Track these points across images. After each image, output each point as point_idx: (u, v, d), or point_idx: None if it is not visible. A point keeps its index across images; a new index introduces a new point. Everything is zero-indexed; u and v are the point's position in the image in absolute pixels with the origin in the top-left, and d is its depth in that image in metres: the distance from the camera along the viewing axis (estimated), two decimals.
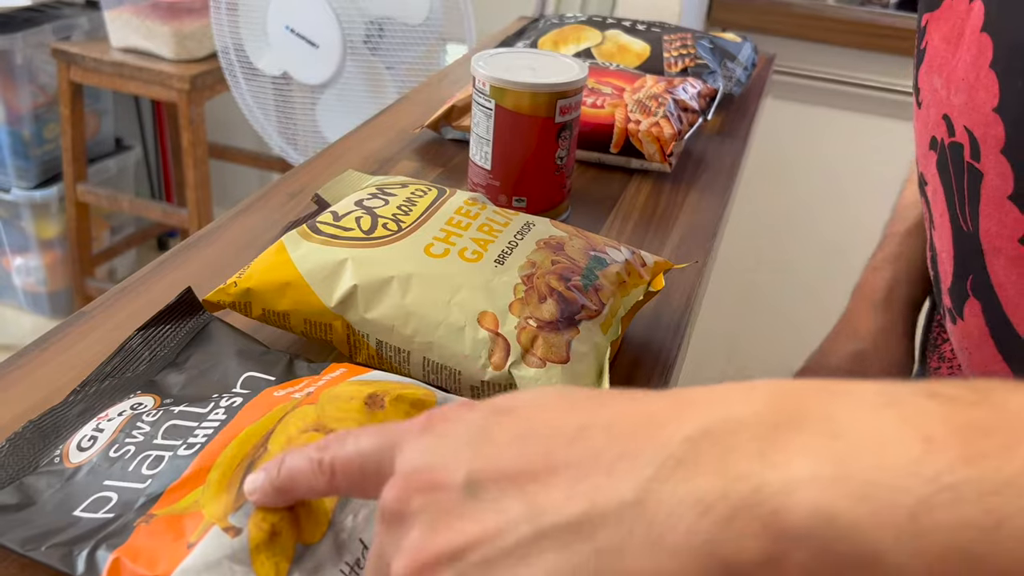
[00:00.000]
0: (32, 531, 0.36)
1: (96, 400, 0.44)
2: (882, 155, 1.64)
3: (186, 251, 0.63)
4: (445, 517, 0.25)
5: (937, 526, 0.20)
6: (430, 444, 0.27)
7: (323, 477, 0.30)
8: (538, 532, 0.23)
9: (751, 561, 0.21)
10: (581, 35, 1.01)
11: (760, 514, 0.21)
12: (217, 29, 1.66)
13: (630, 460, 0.23)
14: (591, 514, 0.23)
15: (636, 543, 0.22)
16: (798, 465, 0.22)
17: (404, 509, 0.26)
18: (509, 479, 0.24)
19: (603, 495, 0.23)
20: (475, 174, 0.71)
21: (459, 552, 0.24)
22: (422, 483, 0.26)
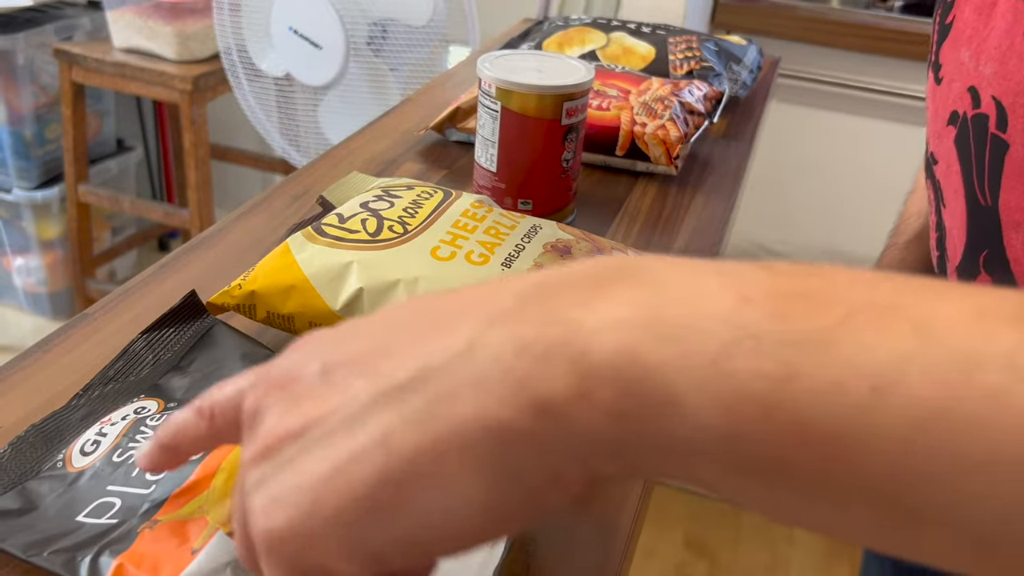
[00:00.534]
0: (34, 536, 0.35)
1: (99, 404, 0.44)
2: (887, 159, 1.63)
3: (189, 253, 0.63)
4: (296, 401, 0.25)
5: (735, 372, 0.21)
6: (289, 355, 0.27)
7: (203, 422, 0.30)
8: (374, 396, 0.23)
9: (559, 397, 0.22)
10: (586, 37, 1.01)
11: (569, 353, 0.22)
12: (220, 30, 1.66)
13: (465, 320, 0.24)
14: (424, 370, 0.23)
15: (462, 387, 0.22)
16: (613, 310, 0.22)
17: (260, 406, 0.26)
18: (357, 360, 0.25)
19: (436, 353, 0.23)
20: (480, 176, 0.71)
21: (305, 429, 0.24)
22: (279, 380, 0.26)
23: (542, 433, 0.22)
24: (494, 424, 0.22)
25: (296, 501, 0.23)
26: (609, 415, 0.21)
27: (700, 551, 1.84)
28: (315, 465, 0.23)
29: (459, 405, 0.22)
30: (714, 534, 1.88)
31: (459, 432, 0.22)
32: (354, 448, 0.23)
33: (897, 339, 0.20)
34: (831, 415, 0.20)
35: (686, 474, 0.22)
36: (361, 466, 0.23)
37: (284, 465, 0.24)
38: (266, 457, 0.24)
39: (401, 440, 0.22)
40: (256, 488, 0.24)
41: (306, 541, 0.23)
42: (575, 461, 0.22)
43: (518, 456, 0.22)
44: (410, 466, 0.22)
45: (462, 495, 0.22)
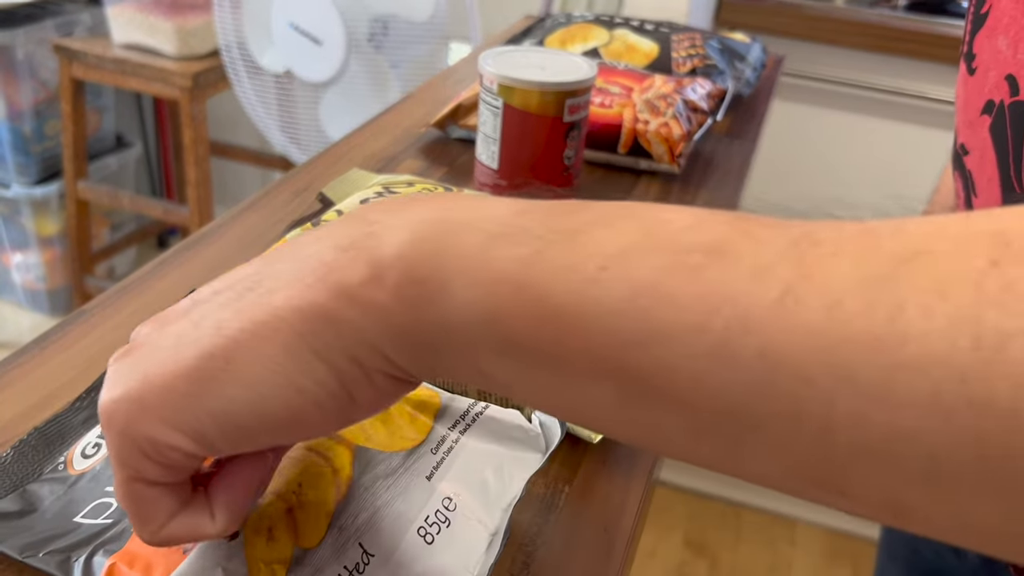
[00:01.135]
0: (31, 538, 0.35)
1: None
2: (890, 159, 1.63)
3: (188, 250, 0.62)
4: (162, 319, 0.28)
5: (495, 258, 0.24)
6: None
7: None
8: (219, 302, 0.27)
9: (356, 281, 0.25)
10: (588, 34, 1.00)
11: (367, 245, 0.25)
12: (220, 26, 1.65)
13: (306, 240, 0.27)
14: (262, 272, 0.27)
15: (285, 281, 0.26)
16: (411, 214, 0.26)
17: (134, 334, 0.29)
18: (222, 286, 0.28)
19: (275, 264, 0.27)
20: (482, 173, 0.70)
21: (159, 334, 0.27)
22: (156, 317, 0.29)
23: (343, 315, 0.25)
24: (306, 306, 0.25)
25: (135, 375, 0.26)
26: (397, 298, 0.25)
27: (700, 551, 1.83)
28: (160, 352, 0.27)
29: (279, 293, 0.26)
30: (714, 534, 1.87)
31: (275, 314, 0.25)
32: (193, 336, 0.26)
33: (626, 234, 0.23)
34: (564, 290, 0.23)
35: (467, 362, 0.25)
36: (192, 346, 0.26)
37: (136, 356, 0.27)
38: (122, 357, 0.28)
39: (230, 324, 0.26)
40: (108, 378, 0.27)
41: (137, 408, 0.26)
42: (373, 349, 0.25)
43: (323, 337, 0.25)
44: (234, 344, 0.25)
45: (275, 371, 0.25)
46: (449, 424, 0.39)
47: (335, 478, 0.34)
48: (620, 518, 0.44)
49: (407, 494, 0.36)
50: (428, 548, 0.34)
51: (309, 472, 0.34)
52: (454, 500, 0.36)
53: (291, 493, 0.33)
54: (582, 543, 0.42)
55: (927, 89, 1.56)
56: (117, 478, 0.27)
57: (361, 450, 0.36)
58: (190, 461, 0.27)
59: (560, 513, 0.43)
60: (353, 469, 0.35)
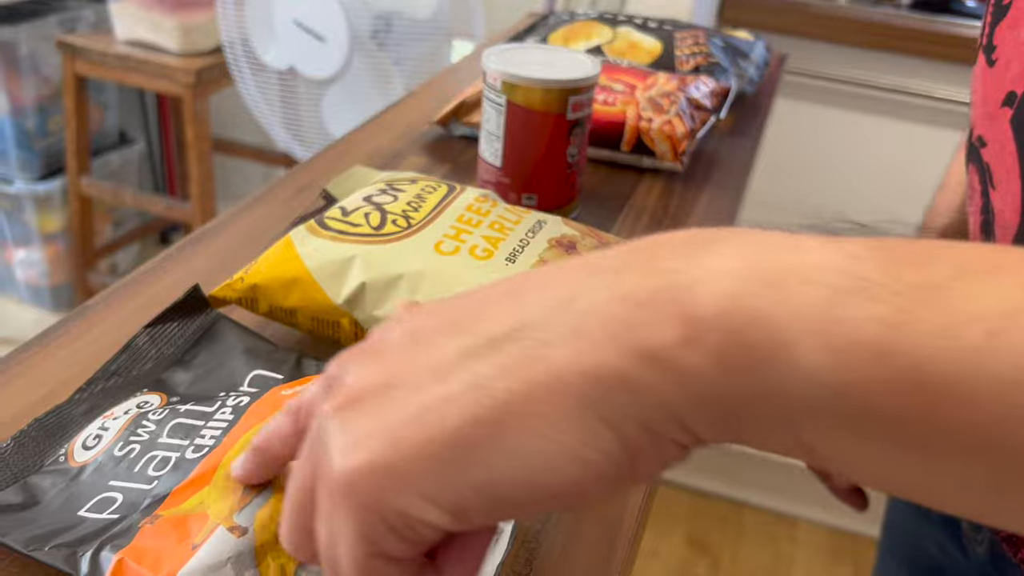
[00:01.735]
0: (36, 531, 0.35)
1: (102, 398, 0.43)
2: (894, 157, 1.63)
3: (191, 246, 0.62)
4: (380, 358, 0.25)
5: (847, 318, 0.21)
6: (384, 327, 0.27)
7: (289, 419, 0.30)
8: (467, 350, 0.23)
9: (664, 343, 0.21)
10: (592, 32, 1.00)
11: (675, 298, 0.22)
12: (223, 22, 1.65)
13: (563, 280, 0.24)
14: (520, 323, 0.23)
15: (561, 334, 0.22)
16: (717, 262, 0.22)
17: (342, 370, 0.26)
18: (448, 324, 0.25)
19: (533, 306, 0.23)
20: (485, 171, 0.70)
21: (389, 383, 0.24)
22: (362, 348, 0.26)
23: (642, 380, 0.21)
24: (593, 369, 0.22)
25: (380, 438, 0.23)
26: (716, 362, 0.21)
27: (702, 551, 1.83)
28: (402, 408, 0.23)
29: (556, 350, 0.22)
30: (716, 533, 1.87)
31: (556, 376, 0.22)
32: (444, 392, 0.23)
33: (1006, 291, 0.20)
34: (944, 359, 0.20)
35: (786, 432, 0.22)
36: (452, 406, 0.22)
37: (367, 412, 0.23)
38: (349, 406, 0.24)
39: (495, 383, 0.22)
40: (336, 433, 0.24)
41: (387, 478, 0.22)
42: (672, 417, 0.22)
43: (615, 403, 0.22)
44: (503, 407, 0.22)
45: (554, 440, 0.22)
46: None
47: None
48: (622, 517, 0.44)
49: None
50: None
51: None
52: None
53: None
54: (584, 542, 0.42)
55: (930, 87, 1.55)
56: (351, 554, 0.24)
57: None
58: (438, 535, 0.24)
59: (562, 512, 0.43)
60: None
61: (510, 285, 0.25)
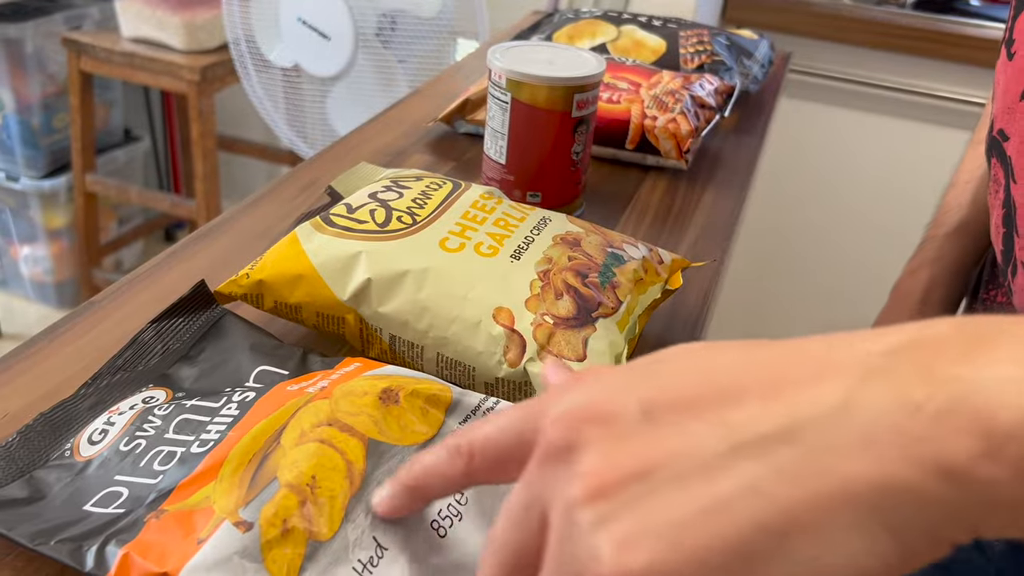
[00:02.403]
0: (41, 525, 0.35)
1: (107, 393, 0.44)
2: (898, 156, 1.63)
3: (196, 242, 0.62)
4: (624, 441, 0.24)
5: None
6: (587, 388, 0.26)
7: (460, 461, 0.29)
8: (734, 446, 0.23)
9: (965, 458, 0.21)
10: (596, 30, 1.00)
11: (971, 410, 0.21)
12: (228, 20, 1.65)
13: (827, 375, 0.23)
14: (794, 422, 0.22)
15: (845, 444, 0.22)
16: (1002, 368, 0.22)
17: (573, 440, 0.25)
18: (687, 405, 0.24)
19: (804, 406, 0.23)
20: (489, 168, 0.70)
21: (648, 471, 0.23)
22: (591, 415, 0.25)
23: (936, 492, 0.21)
24: (884, 482, 0.21)
25: (659, 539, 0.22)
26: (1015, 472, 0.21)
27: None
28: (675, 507, 0.22)
29: (845, 460, 0.22)
30: None
31: (844, 487, 0.21)
32: (720, 494, 0.22)
33: None
34: None
35: None
36: (731, 510, 0.22)
37: (631, 504, 0.23)
38: (604, 496, 0.23)
39: (778, 490, 0.22)
40: (599, 526, 0.23)
41: None
42: (963, 525, 0.22)
43: (903, 514, 0.21)
44: (788, 516, 0.22)
45: (837, 549, 0.22)
46: (460, 419, 0.39)
47: (349, 471, 0.34)
48: None
49: None
50: (442, 541, 0.35)
51: (323, 465, 0.34)
52: (465, 494, 0.36)
53: (305, 486, 0.33)
54: None
55: (933, 86, 1.55)
56: None
57: (374, 443, 0.36)
58: None
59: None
60: (366, 463, 0.35)
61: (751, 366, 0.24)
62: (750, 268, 1.72)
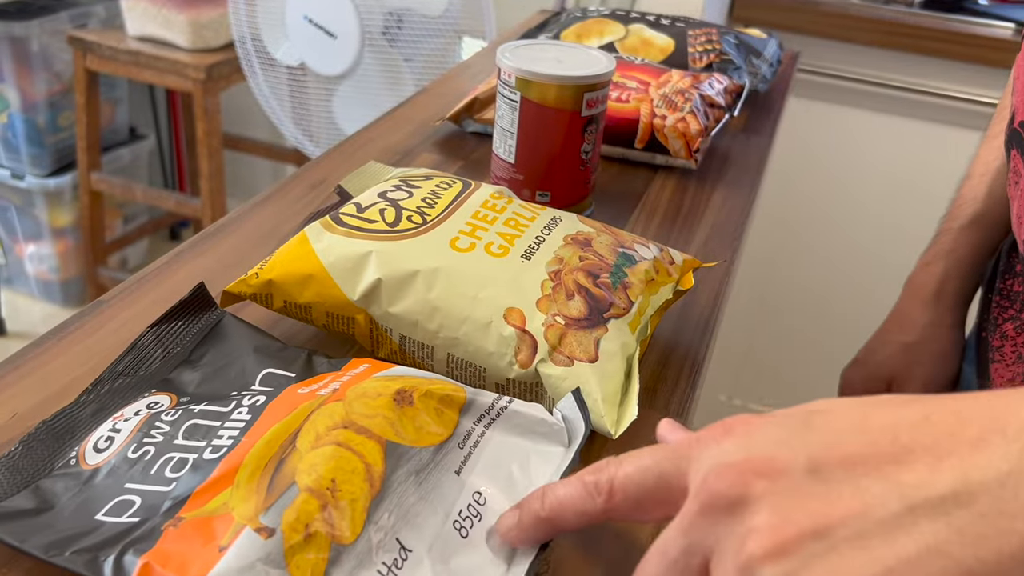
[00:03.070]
0: (53, 536, 0.34)
1: (109, 399, 0.43)
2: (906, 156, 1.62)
3: (204, 241, 0.62)
4: (797, 498, 0.25)
5: None
6: (743, 441, 0.27)
7: (600, 499, 0.30)
8: (910, 506, 0.23)
9: None
10: (604, 29, 1.00)
11: None
12: (235, 18, 1.65)
13: (991, 438, 0.24)
14: (966, 485, 0.23)
15: (1020, 508, 0.23)
16: None
17: (744, 493, 0.25)
18: (857, 462, 0.25)
19: (974, 469, 0.23)
20: (498, 167, 0.70)
21: (826, 529, 0.24)
22: (759, 468, 0.26)
23: None
24: None
25: None
26: None
27: None
28: (859, 566, 0.23)
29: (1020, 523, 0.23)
30: None
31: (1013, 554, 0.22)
32: (903, 554, 0.23)
33: None
34: None
35: None
36: (914, 570, 0.23)
37: (811, 563, 0.24)
38: (785, 553, 0.24)
39: (962, 552, 0.23)
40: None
41: None
42: None
43: None
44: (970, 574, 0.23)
45: None
46: (474, 418, 0.39)
47: (368, 474, 0.34)
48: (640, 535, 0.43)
49: (439, 489, 0.35)
50: (464, 542, 0.34)
51: (342, 468, 0.34)
52: (484, 495, 0.36)
53: (326, 490, 0.33)
54: (601, 540, 0.42)
55: (942, 86, 1.55)
56: None
57: (391, 445, 0.36)
58: None
59: None
60: (385, 465, 0.35)
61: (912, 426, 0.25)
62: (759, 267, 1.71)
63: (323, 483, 0.33)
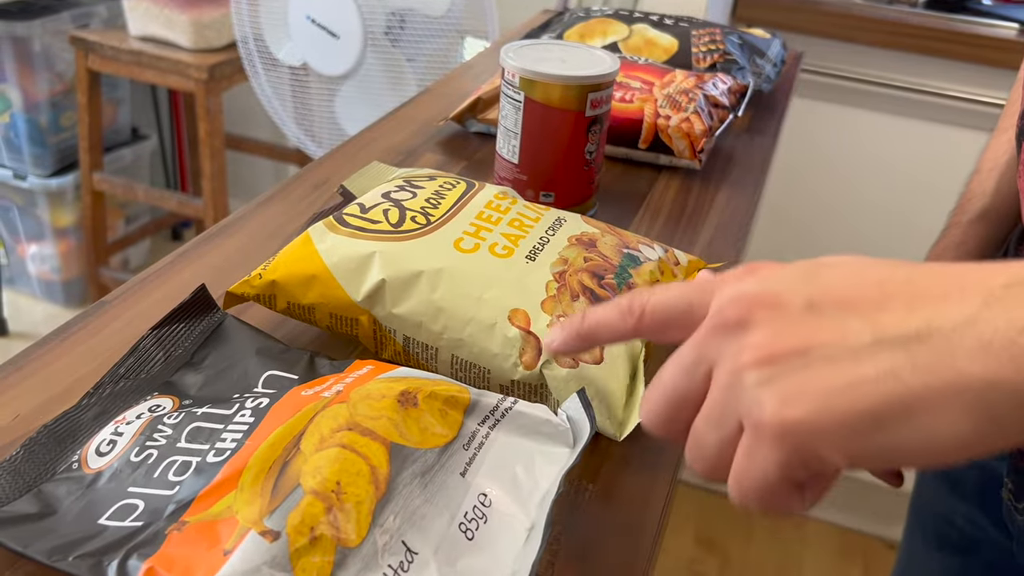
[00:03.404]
0: (57, 541, 0.34)
1: (111, 403, 0.43)
2: (909, 156, 1.62)
3: (207, 242, 0.62)
4: (790, 326, 0.30)
5: None
6: (759, 279, 0.32)
7: (631, 319, 0.35)
8: (878, 340, 0.29)
9: None
10: (608, 29, 0.99)
11: None
12: (237, 18, 1.65)
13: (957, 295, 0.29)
14: (928, 328, 0.28)
15: (967, 348, 0.27)
16: None
17: (747, 317, 0.31)
18: (846, 303, 0.30)
19: (938, 317, 0.28)
20: (502, 168, 0.70)
21: (807, 349, 0.29)
22: (764, 301, 0.31)
23: None
24: (994, 379, 0.27)
25: (812, 401, 0.29)
26: None
27: (711, 548, 1.83)
28: (827, 378, 0.29)
29: (966, 360, 0.27)
30: (725, 531, 1.87)
31: (964, 380, 0.27)
32: (864, 374, 0.28)
33: None
34: None
35: None
36: (873, 387, 0.28)
37: (791, 372, 0.29)
38: (771, 363, 0.30)
39: (911, 376, 0.28)
40: (765, 384, 0.29)
41: (814, 433, 0.29)
42: None
43: (1003, 406, 0.27)
44: (916, 397, 0.28)
45: (950, 426, 0.28)
46: (479, 419, 0.39)
47: (373, 476, 0.34)
48: (644, 518, 0.43)
49: (445, 491, 0.35)
50: (470, 544, 0.34)
51: (347, 470, 0.34)
52: (489, 496, 0.36)
53: (331, 492, 0.33)
54: (607, 542, 0.41)
55: (945, 86, 1.54)
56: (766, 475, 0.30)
57: (396, 447, 0.35)
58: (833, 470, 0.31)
59: (584, 512, 0.43)
60: (390, 467, 0.35)
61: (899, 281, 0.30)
62: None
63: (328, 485, 0.33)
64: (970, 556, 0.75)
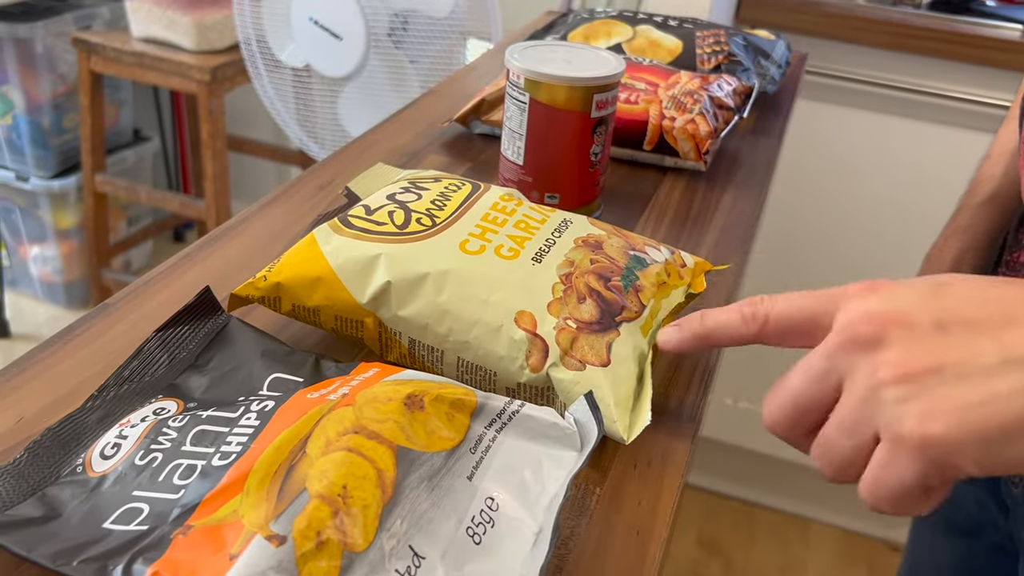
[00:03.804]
0: (61, 545, 0.34)
1: (115, 405, 0.42)
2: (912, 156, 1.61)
3: (210, 244, 0.62)
4: (923, 344, 0.32)
5: None
6: (886, 298, 0.34)
7: (754, 325, 0.38)
8: (1005, 359, 0.31)
9: None
10: (612, 30, 0.99)
11: None
12: (239, 20, 1.65)
13: None
14: None
15: None
16: None
17: (881, 335, 0.33)
18: (972, 324, 0.32)
19: None
20: (506, 169, 0.69)
21: (941, 368, 0.31)
22: (895, 319, 0.33)
23: None
24: None
25: (950, 417, 0.31)
26: None
27: (714, 551, 1.82)
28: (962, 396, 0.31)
29: None
30: (728, 534, 1.86)
31: None
32: (996, 390, 0.30)
33: None
34: None
35: None
36: (1005, 403, 0.30)
37: (928, 390, 0.31)
38: (907, 380, 0.32)
39: None
40: (903, 401, 0.32)
41: (952, 447, 0.31)
42: None
43: None
44: None
45: None
46: (486, 423, 0.39)
47: (380, 480, 0.34)
48: (652, 522, 0.43)
49: (452, 495, 0.35)
50: (477, 548, 0.34)
51: (353, 474, 0.33)
52: (496, 500, 0.35)
53: (337, 496, 0.32)
54: (614, 546, 0.41)
55: (949, 88, 1.54)
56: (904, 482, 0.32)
57: (403, 451, 0.35)
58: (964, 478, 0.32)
59: (591, 516, 0.43)
60: (396, 471, 0.34)
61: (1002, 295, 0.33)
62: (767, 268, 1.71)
63: (334, 489, 0.32)
64: (975, 539, 0.76)
